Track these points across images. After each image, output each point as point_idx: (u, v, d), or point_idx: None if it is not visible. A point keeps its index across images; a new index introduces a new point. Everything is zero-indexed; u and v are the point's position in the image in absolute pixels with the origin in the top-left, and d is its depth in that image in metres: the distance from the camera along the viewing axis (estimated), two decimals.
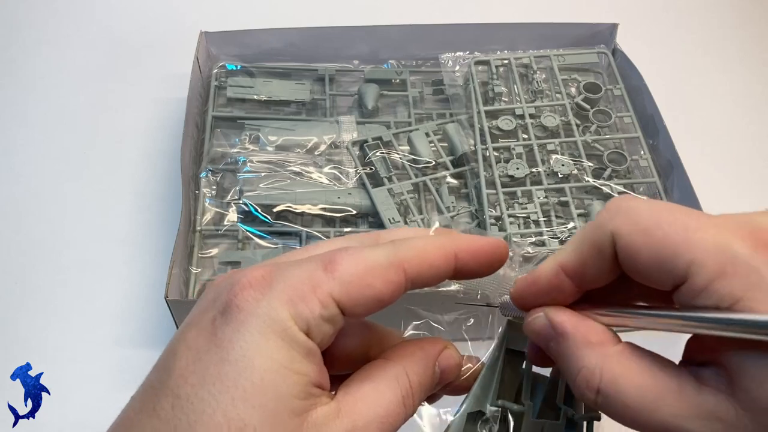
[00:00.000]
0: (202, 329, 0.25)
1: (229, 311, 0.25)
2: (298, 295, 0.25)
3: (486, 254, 0.29)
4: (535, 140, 0.63)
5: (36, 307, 0.57)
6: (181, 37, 0.69)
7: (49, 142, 0.68)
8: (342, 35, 0.70)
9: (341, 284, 0.26)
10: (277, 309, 0.25)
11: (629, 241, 0.24)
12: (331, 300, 0.26)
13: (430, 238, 0.28)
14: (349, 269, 0.26)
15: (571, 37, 0.71)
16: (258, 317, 0.25)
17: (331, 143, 0.64)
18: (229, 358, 0.24)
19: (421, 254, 0.27)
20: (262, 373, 0.24)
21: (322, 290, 0.25)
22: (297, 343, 0.25)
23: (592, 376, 0.25)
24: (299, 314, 0.25)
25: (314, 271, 0.26)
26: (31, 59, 0.76)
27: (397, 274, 0.27)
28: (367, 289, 0.26)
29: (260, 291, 0.25)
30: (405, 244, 0.27)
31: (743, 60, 0.81)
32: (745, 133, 0.73)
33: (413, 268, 0.27)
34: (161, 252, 0.57)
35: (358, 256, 0.26)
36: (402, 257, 0.27)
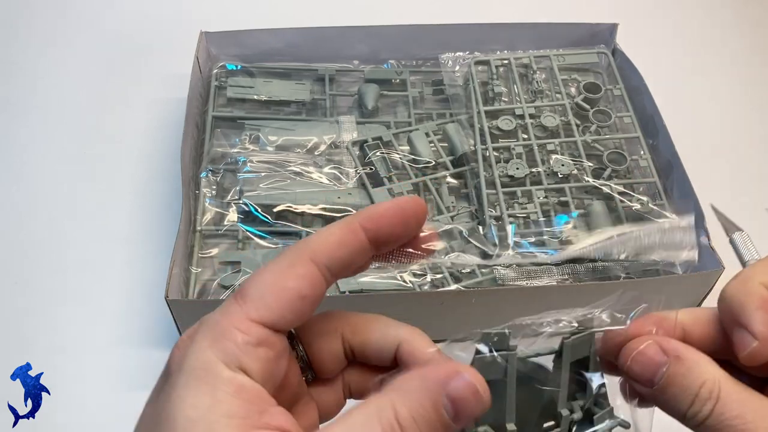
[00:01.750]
0: (150, 403, 0.27)
1: (167, 380, 0.26)
2: (218, 334, 0.25)
3: (393, 215, 0.28)
4: (535, 140, 0.63)
5: (36, 307, 0.57)
6: (181, 37, 0.69)
7: (50, 142, 0.68)
8: (342, 35, 0.70)
9: (255, 303, 0.26)
10: (200, 356, 0.25)
11: None
12: (250, 323, 0.25)
13: (337, 221, 0.28)
14: (257, 286, 0.26)
15: (571, 37, 0.71)
16: (184, 371, 0.25)
17: (331, 143, 0.64)
18: (160, 419, 0.24)
19: (326, 238, 0.27)
20: (185, 424, 0.23)
21: (238, 320, 0.25)
22: (222, 382, 0.24)
23: (714, 387, 0.27)
24: (224, 351, 0.25)
25: (228, 307, 0.26)
26: (32, 59, 0.76)
27: (305, 265, 0.27)
28: (283, 292, 0.26)
29: (185, 349, 0.25)
30: (308, 237, 0.28)
31: (743, 60, 0.81)
32: (745, 133, 0.73)
33: (321, 254, 0.27)
34: (161, 252, 0.57)
35: (262, 271, 0.27)
36: (306, 250, 0.27)
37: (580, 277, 0.55)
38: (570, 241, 0.56)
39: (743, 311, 0.28)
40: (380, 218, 0.28)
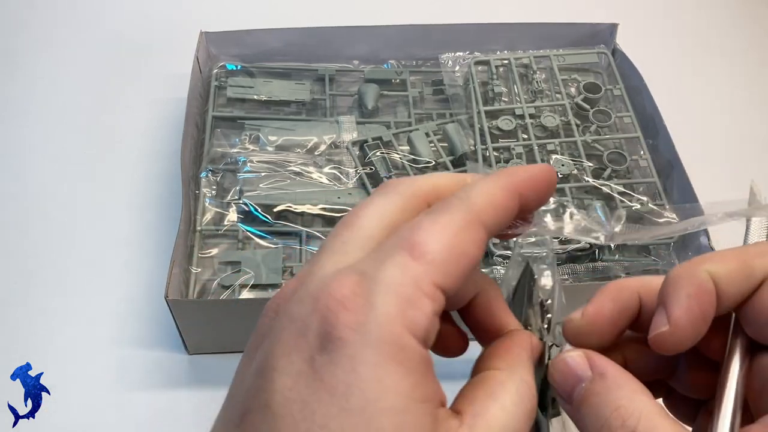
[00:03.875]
0: (300, 375, 0.21)
1: (330, 346, 0.21)
2: (405, 301, 0.21)
3: (542, 182, 0.26)
4: (535, 140, 0.63)
5: (36, 307, 0.57)
6: (181, 37, 0.69)
7: (49, 142, 0.68)
8: (342, 35, 0.70)
9: (438, 267, 0.22)
10: (390, 328, 0.21)
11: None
12: (436, 290, 0.22)
13: (491, 181, 0.25)
14: (438, 246, 0.22)
15: (571, 37, 0.71)
16: (370, 345, 0.21)
17: (331, 143, 0.64)
18: (349, 406, 0.20)
19: (493, 200, 0.24)
20: (393, 417, 0.20)
21: (425, 284, 0.22)
22: (415, 361, 0.21)
23: (630, 417, 0.23)
24: (414, 323, 0.21)
25: (405, 263, 0.22)
26: (32, 60, 0.76)
27: (479, 231, 0.24)
28: (463, 258, 0.23)
29: (362, 312, 0.21)
30: (473, 196, 0.24)
31: (743, 60, 0.81)
32: (745, 132, 0.73)
33: (490, 218, 0.24)
34: (161, 252, 0.57)
35: (439, 228, 0.23)
36: (477, 211, 0.24)
37: (580, 276, 0.55)
38: (570, 240, 0.56)
39: (673, 291, 0.25)
40: (535, 185, 0.26)
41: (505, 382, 0.24)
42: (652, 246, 0.58)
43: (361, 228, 0.24)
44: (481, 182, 0.25)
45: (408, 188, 0.25)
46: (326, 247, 0.24)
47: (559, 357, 0.26)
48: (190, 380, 0.53)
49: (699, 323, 0.24)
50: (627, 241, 0.42)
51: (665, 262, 0.56)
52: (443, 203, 0.24)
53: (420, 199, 0.25)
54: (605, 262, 0.55)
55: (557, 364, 0.26)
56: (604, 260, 0.56)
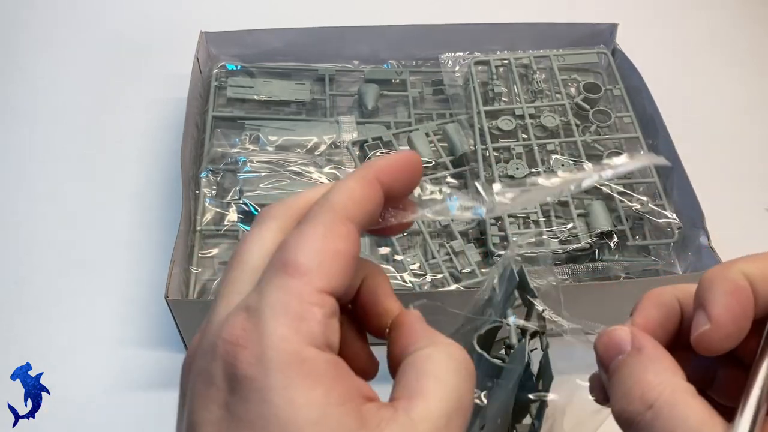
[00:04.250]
0: (221, 421, 0.21)
1: (238, 386, 0.21)
2: (294, 317, 0.22)
3: (402, 168, 0.26)
4: (535, 140, 0.63)
5: (36, 307, 0.57)
6: (181, 37, 0.69)
7: (50, 142, 0.68)
8: (342, 35, 0.70)
9: (315, 274, 0.23)
10: (287, 347, 0.21)
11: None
12: (322, 294, 0.22)
13: (348, 177, 0.26)
14: (309, 256, 0.23)
15: (571, 38, 0.71)
16: (273, 372, 0.21)
17: (331, 143, 0.64)
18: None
19: (351, 194, 0.25)
20: (312, 429, 0.21)
21: (307, 294, 0.22)
22: (322, 368, 0.22)
23: (652, 390, 0.24)
24: (309, 333, 0.22)
25: (284, 282, 0.22)
26: (32, 60, 0.76)
27: (346, 226, 0.24)
28: (337, 257, 0.23)
29: (257, 344, 0.21)
30: (331, 196, 0.25)
31: (743, 60, 0.81)
32: (745, 132, 0.73)
33: (352, 211, 0.24)
34: (161, 252, 0.57)
35: (305, 238, 0.23)
36: (338, 208, 0.24)
37: (580, 277, 0.55)
38: (569, 240, 0.56)
39: (709, 291, 0.25)
40: (393, 170, 0.26)
41: (432, 355, 0.24)
42: (651, 246, 0.58)
43: (245, 264, 0.24)
44: (338, 182, 0.25)
45: (281, 210, 0.26)
46: (219, 292, 0.25)
47: (606, 330, 0.27)
48: None
49: (740, 320, 0.25)
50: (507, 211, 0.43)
51: (665, 262, 0.56)
52: (307, 215, 0.24)
53: (294, 219, 0.25)
54: (605, 262, 0.55)
55: (602, 336, 0.27)
56: (603, 260, 0.56)
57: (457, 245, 0.57)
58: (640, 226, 0.58)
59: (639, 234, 0.58)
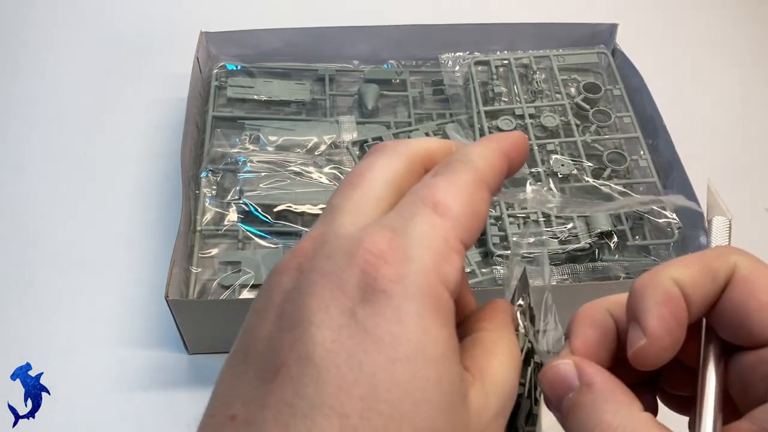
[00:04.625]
0: (342, 327, 0.20)
1: (373, 298, 0.21)
2: (439, 255, 0.22)
3: (522, 147, 0.27)
4: (535, 140, 0.63)
5: (36, 307, 0.57)
6: (181, 37, 0.69)
7: (50, 142, 0.68)
8: (342, 35, 0.70)
9: (460, 223, 0.23)
10: (429, 280, 0.21)
11: (747, 279, 0.24)
12: (461, 244, 0.23)
13: (485, 146, 0.26)
14: (458, 204, 0.23)
15: (571, 38, 0.71)
16: (412, 297, 0.21)
17: (331, 143, 0.64)
18: (397, 356, 0.20)
19: (491, 164, 0.25)
20: (437, 366, 0.21)
21: (452, 238, 0.22)
22: (449, 312, 0.22)
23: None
24: (446, 275, 0.22)
25: (434, 222, 0.22)
26: (32, 60, 0.76)
27: (485, 191, 0.25)
28: (477, 216, 0.24)
29: (401, 265, 0.21)
30: (476, 159, 0.25)
31: (743, 60, 0.81)
32: (745, 132, 0.73)
33: (491, 179, 0.25)
34: (161, 252, 0.57)
35: (456, 188, 0.24)
36: (481, 172, 0.25)
37: (580, 277, 0.55)
38: (569, 240, 0.56)
39: (641, 302, 0.24)
40: (518, 149, 0.27)
41: (497, 341, 0.26)
42: (652, 246, 0.58)
43: (370, 189, 0.24)
44: (477, 147, 0.26)
45: (406, 150, 0.26)
46: (338, 206, 0.24)
47: (550, 364, 0.26)
48: (190, 380, 0.53)
49: (675, 331, 0.24)
50: (574, 213, 0.46)
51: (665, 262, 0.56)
52: (449, 166, 0.25)
53: (418, 162, 0.26)
54: (605, 262, 0.55)
55: (547, 372, 0.25)
56: (603, 260, 0.56)
57: None
58: (640, 226, 0.58)
59: (639, 234, 0.58)
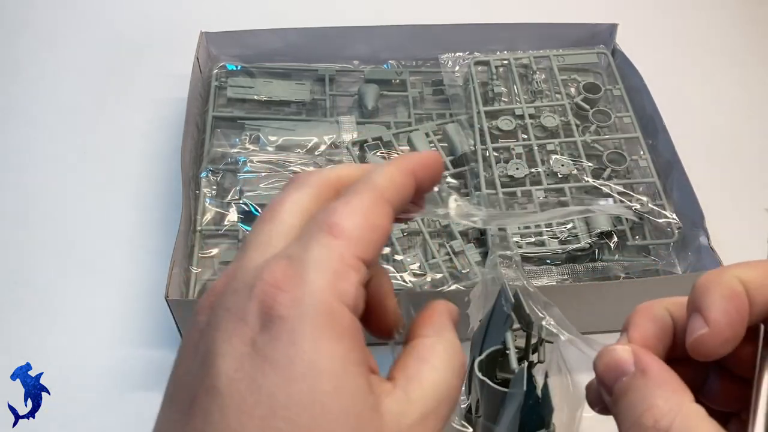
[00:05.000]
0: (243, 356, 0.22)
1: (270, 325, 0.22)
2: (334, 274, 0.23)
3: (432, 165, 0.28)
4: (535, 140, 0.63)
5: (36, 307, 0.57)
6: (181, 37, 0.69)
7: (50, 142, 0.68)
8: (342, 35, 0.70)
9: (357, 241, 0.24)
10: (323, 299, 0.22)
11: None
12: (359, 261, 0.24)
13: (390, 164, 0.27)
14: (353, 223, 0.24)
15: (570, 38, 0.71)
16: (306, 318, 0.22)
17: (331, 143, 0.64)
18: (292, 375, 0.21)
19: (393, 180, 0.26)
20: (332, 379, 0.22)
21: (348, 257, 0.24)
22: (347, 327, 0.23)
23: (664, 418, 0.23)
24: (343, 293, 0.23)
25: (327, 242, 0.24)
26: (32, 60, 0.76)
27: (385, 206, 0.26)
28: (376, 231, 0.25)
29: (296, 289, 0.22)
30: (375, 178, 0.26)
31: (743, 60, 0.81)
32: (745, 133, 0.73)
33: (392, 195, 0.26)
34: (161, 252, 0.57)
35: (351, 208, 0.25)
36: (381, 189, 0.26)
37: (580, 277, 0.55)
38: (569, 240, 0.56)
39: (706, 296, 0.25)
40: (426, 166, 0.28)
41: (434, 345, 0.26)
42: (651, 246, 0.58)
43: (281, 221, 0.26)
44: (380, 167, 0.27)
45: (317, 180, 0.27)
46: (251, 242, 0.26)
47: (606, 348, 0.26)
48: None
49: (736, 325, 0.24)
50: (499, 225, 0.45)
51: (665, 262, 0.56)
52: (351, 188, 0.26)
53: (329, 189, 0.27)
54: (605, 262, 0.55)
55: (603, 356, 0.26)
56: (603, 260, 0.56)
57: (457, 245, 0.57)
58: (640, 226, 0.58)
59: (639, 234, 0.58)
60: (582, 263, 0.55)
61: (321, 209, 0.25)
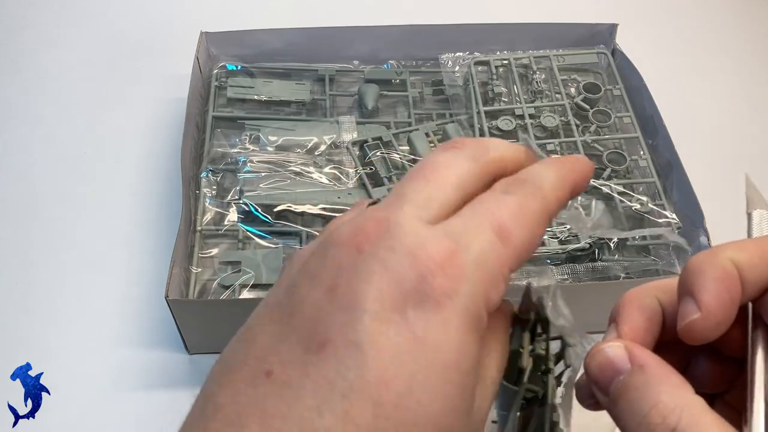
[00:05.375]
0: (392, 323, 0.22)
1: (426, 306, 0.22)
2: (490, 281, 0.23)
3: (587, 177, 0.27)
4: (535, 140, 0.63)
5: (36, 307, 0.57)
6: (181, 37, 0.69)
7: (49, 142, 0.68)
8: (342, 35, 0.70)
9: (517, 254, 0.24)
10: (476, 302, 0.23)
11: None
12: (509, 273, 0.24)
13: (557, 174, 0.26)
14: (522, 234, 0.24)
15: (570, 38, 0.71)
16: (459, 313, 0.22)
17: (331, 143, 0.64)
18: (435, 360, 0.22)
19: (559, 197, 0.26)
20: (464, 377, 0.22)
21: (506, 267, 0.24)
22: (483, 331, 0.23)
23: (671, 414, 0.23)
24: (490, 300, 0.23)
25: (494, 246, 0.23)
26: (32, 60, 0.76)
27: (546, 223, 0.25)
28: (532, 247, 0.24)
29: (457, 281, 0.22)
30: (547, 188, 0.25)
31: (743, 60, 0.81)
32: (745, 133, 0.73)
33: (555, 212, 0.26)
34: (161, 252, 0.57)
35: (523, 215, 0.24)
36: (549, 203, 0.25)
37: (580, 277, 0.55)
38: (569, 240, 0.56)
39: (698, 278, 0.24)
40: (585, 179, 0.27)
41: (490, 341, 0.26)
42: (651, 246, 0.58)
43: (441, 188, 0.25)
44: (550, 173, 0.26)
45: (481, 155, 0.26)
46: (406, 197, 0.25)
47: (598, 348, 0.26)
48: (190, 380, 0.53)
49: (729, 308, 0.24)
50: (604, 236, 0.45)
51: (665, 262, 0.56)
52: (522, 188, 0.25)
53: (491, 170, 0.26)
54: (605, 262, 0.55)
55: (595, 355, 0.26)
56: (603, 260, 0.56)
57: None
58: (640, 226, 0.58)
59: None
60: (582, 263, 0.55)
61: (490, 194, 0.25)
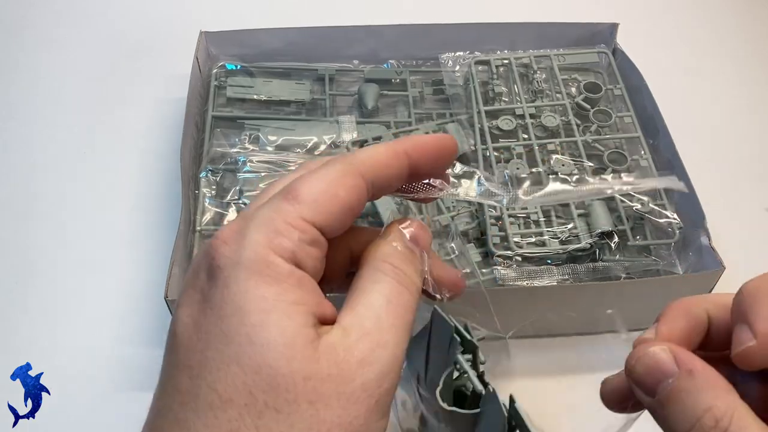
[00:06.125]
0: (194, 302, 0.26)
1: (213, 274, 0.26)
2: (272, 230, 0.26)
3: (435, 149, 0.30)
4: (536, 140, 0.63)
5: (36, 307, 0.57)
6: (181, 37, 0.69)
7: (49, 141, 0.68)
8: (342, 35, 0.70)
9: (308, 206, 0.26)
10: (257, 251, 0.25)
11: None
12: (304, 223, 0.26)
13: (381, 143, 0.29)
14: (310, 190, 0.27)
15: (571, 37, 0.71)
16: (240, 267, 0.25)
17: (331, 143, 0.64)
18: (224, 314, 0.25)
19: (374, 156, 0.28)
20: (258, 314, 0.24)
21: (292, 218, 0.26)
22: (284, 274, 0.25)
23: (724, 417, 0.23)
24: (280, 246, 0.26)
25: (279, 205, 0.27)
26: (32, 60, 0.76)
27: (355, 178, 0.27)
28: (334, 200, 0.27)
29: (235, 242, 0.26)
30: (357, 152, 0.29)
31: (743, 60, 0.81)
32: (745, 132, 0.73)
33: (369, 170, 0.28)
34: (161, 252, 0.57)
35: (314, 176, 0.27)
36: (356, 163, 0.28)
37: (580, 277, 0.55)
38: (570, 241, 0.56)
39: (753, 305, 0.25)
40: (423, 149, 0.30)
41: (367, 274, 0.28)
42: (652, 246, 0.58)
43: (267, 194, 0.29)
44: (374, 145, 0.29)
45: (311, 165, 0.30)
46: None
47: (643, 350, 0.26)
48: None
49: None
50: (528, 205, 0.44)
51: (666, 262, 0.56)
52: (329, 161, 0.28)
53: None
54: (606, 263, 0.55)
55: (642, 359, 0.26)
56: (604, 260, 0.56)
57: (457, 245, 0.57)
58: (640, 226, 0.58)
59: (640, 234, 0.58)
60: (583, 263, 0.55)
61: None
